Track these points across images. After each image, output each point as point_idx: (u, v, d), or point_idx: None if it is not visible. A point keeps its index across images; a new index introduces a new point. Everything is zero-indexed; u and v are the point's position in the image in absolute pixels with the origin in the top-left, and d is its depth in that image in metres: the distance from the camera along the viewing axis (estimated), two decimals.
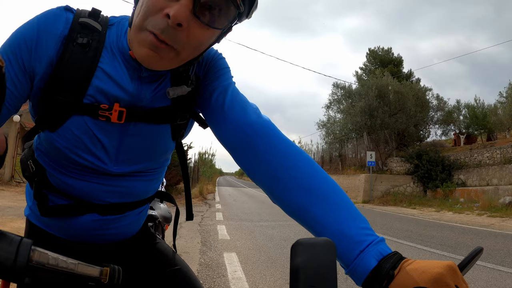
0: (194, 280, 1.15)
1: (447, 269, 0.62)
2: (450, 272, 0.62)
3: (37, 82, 0.86)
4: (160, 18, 0.76)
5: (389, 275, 0.66)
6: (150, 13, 0.77)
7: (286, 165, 0.85)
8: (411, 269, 0.65)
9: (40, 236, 1.04)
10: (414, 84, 29.16)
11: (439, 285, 0.61)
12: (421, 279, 0.63)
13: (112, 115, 0.89)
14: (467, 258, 0.66)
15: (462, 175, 20.02)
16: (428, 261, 0.65)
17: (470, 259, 0.65)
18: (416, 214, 14.74)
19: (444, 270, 0.62)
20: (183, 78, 0.95)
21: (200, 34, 0.80)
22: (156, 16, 0.76)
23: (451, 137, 28.81)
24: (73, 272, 0.62)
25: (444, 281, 0.61)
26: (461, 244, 7.66)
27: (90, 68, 0.87)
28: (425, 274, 0.63)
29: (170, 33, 0.77)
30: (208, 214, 12.05)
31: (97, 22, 0.91)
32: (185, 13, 0.75)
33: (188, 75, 0.96)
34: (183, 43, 0.80)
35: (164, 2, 0.76)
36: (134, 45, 0.82)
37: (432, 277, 0.62)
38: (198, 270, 4.97)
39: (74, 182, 0.96)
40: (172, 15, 0.74)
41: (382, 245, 0.72)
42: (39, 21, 0.85)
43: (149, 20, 0.77)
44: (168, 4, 0.75)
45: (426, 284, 0.62)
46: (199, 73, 1.01)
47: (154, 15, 0.77)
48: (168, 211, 2.39)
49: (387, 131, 25.14)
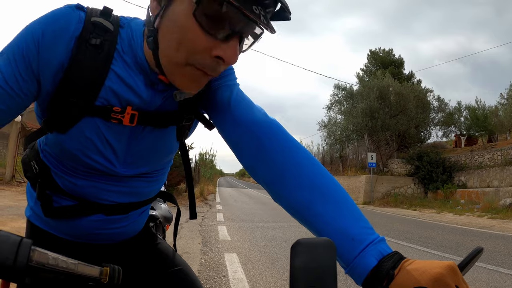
0: (195, 280, 1.16)
1: (447, 269, 0.62)
2: (450, 272, 0.62)
3: (45, 85, 0.83)
4: (208, 58, 0.77)
5: (389, 274, 0.66)
6: (196, 51, 0.76)
7: (290, 163, 0.85)
8: (411, 269, 0.65)
9: (42, 237, 1.04)
10: (415, 85, 29.10)
11: (439, 285, 0.61)
12: (421, 279, 0.62)
13: (124, 118, 0.89)
14: (467, 258, 0.65)
15: (463, 176, 20.00)
16: (428, 261, 0.65)
17: (470, 259, 0.65)
18: (416, 216, 14.72)
19: (444, 270, 0.62)
20: None
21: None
22: (203, 55, 0.77)
23: (452, 138, 28.75)
24: (73, 272, 0.63)
25: (444, 281, 0.61)
26: (462, 245, 7.65)
27: (103, 70, 0.85)
28: (425, 274, 0.63)
29: (217, 69, 0.80)
30: (209, 214, 12.05)
31: (109, 21, 0.88)
32: (237, 55, 0.78)
33: None
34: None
35: (210, 41, 0.75)
36: (177, 78, 0.82)
37: (432, 277, 0.62)
38: (199, 271, 4.97)
39: (82, 183, 0.96)
40: (227, 60, 0.77)
41: (382, 245, 0.72)
42: (49, 21, 0.81)
43: (195, 57, 0.77)
44: (215, 44, 0.76)
45: (426, 284, 0.62)
46: None
47: (200, 54, 0.77)
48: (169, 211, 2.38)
49: (388, 133, 25.12)
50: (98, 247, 1.06)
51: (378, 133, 25.36)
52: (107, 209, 1.00)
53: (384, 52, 34.75)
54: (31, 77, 0.81)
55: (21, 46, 0.79)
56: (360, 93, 27.31)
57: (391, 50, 34.93)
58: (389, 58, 34.27)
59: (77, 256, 0.68)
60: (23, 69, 0.79)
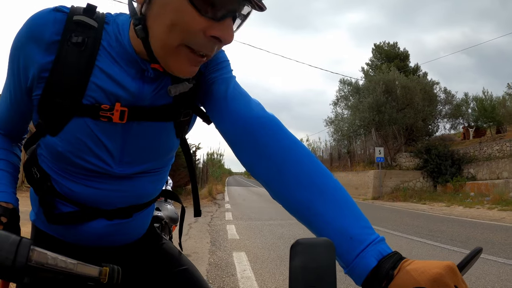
0: (200, 280, 1.15)
1: (446, 269, 0.62)
2: (449, 272, 0.61)
3: (36, 89, 0.87)
4: (202, 38, 0.75)
5: (389, 275, 0.66)
6: (190, 33, 0.75)
7: (289, 160, 0.83)
8: (410, 269, 0.64)
9: (47, 241, 1.04)
10: (421, 78, 28.92)
11: (438, 285, 0.61)
12: (420, 279, 0.62)
13: (113, 115, 0.87)
14: (466, 258, 0.65)
15: (472, 169, 19.84)
16: (427, 261, 0.65)
17: (469, 259, 0.65)
18: (426, 210, 14.64)
19: (443, 270, 0.61)
20: None
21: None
22: (196, 35, 0.75)
23: (460, 130, 28.52)
24: (72, 272, 0.63)
25: (443, 281, 0.61)
26: (472, 238, 7.57)
27: (87, 67, 0.85)
28: (424, 274, 0.62)
29: (212, 49, 0.79)
30: (218, 214, 12.08)
31: (93, 19, 0.87)
32: (233, 34, 0.77)
33: None
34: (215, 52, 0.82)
35: (203, 22, 0.74)
36: (171, 61, 0.81)
37: (431, 277, 0.61)
38: (208, 270, 4.99)
39: (79, 188, 0.95)
40: (223, 39, 0.76)
41: (382, 245, 0.71)
42: (24, 28, 0.84)
43: (189, 39, 0.76)
44: (209, 24, 0.74)
45: (425, 284, 0.62)
46: (201, 67, 0.98)
47: (193, 34, 0.75)
48: (174, 211, 2.40)
49: (395, 127, 24.96)
50: (103, 250, 1.05)
51: (386, 127, 25.23)
52: (108, 214, 0.99)
53: (389, 46, 34.51)
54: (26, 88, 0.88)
55: (12, 64, 0.88)
56: (366, 87, 27.18)
57: (395, 43, 34.72)
58: (394, 51, 34.03)
59: (82, 258, 0.69)
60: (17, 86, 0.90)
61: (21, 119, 1.01)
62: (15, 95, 0.93)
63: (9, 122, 1.03)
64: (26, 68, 0.86)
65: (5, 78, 0.94)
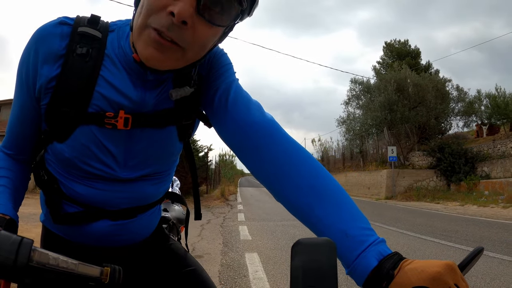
0: (207, 280, 1.15)
1: (445, 268, 0.63)
2: (449, 271, 0.63)
3: (43, 99, 0.90)
4: (164, 16, 0.75)
5: (389, 275, 0.67)
6: (153, 11, 0.76)
7: (289, 163, 0.86)
8: (410, 269, 0.66)
9: (56, 241, 1.06)
10: (433, 75, 28.67)
11: (438, 284, 0.62)
12: (420, 278, 0.64)
13: (118, 123, 0.90)
14: (467, 258, 0.67)
15: (486, 167, 19.58)
16: (427, 261, 0.66)
17: (470, 259, 0.67)
18: (440, 209, 14.49)
19: (443, 269, 0.63)
20: (186, 79, 0.95)
21: (204, 32, 0.80)
22: (159, 14, 0.76)
23: (473, 128, 28.14)
24: (74, 272, 0.63)
25: (442, 280, 0.62)
26: (487, 238, 7.44)
27: (91, 77, 0.88)
28: (424, 273, 0.64)
29: (175, 31, 0.76)
30: (230, 215, 12.10)
31: (97, 29, 0.91)
32: (189, 10, 0.75)
33: (191, 75, 0.96)
34: (188, 42, 0.79)
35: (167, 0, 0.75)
36: (138, 45, 0.81)
37: (430, 276, 0.63)
38: (220, 271, 5.00)
39: (84, 190, 0.97)
40: (176, 12, 0.73)
41: (382, 246, 0.73)
42: (33, 45, 0.89)
43: (153, 18, 0.77)
44: (172, 2, 0.75)
45: (425, 283, 0.63)
46: (202, 72, 1.00)
47: (157, 13, 0.76)
48: (182, 212, 2.40)
49: (408, 125, 24.76)
50: (109, 250, 1.06)
51: (398, 126, 25.04)
52: (113, 214, 1.01)
53: (400, 44, 34.32)
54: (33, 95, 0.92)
55: (21, 77, 0.92)
56: (378, 86, 27.03)
57: (406, 41, 34.57)
58: (405, 49, 33.83)
59: (88, 258, 0.70)
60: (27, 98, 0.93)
61: (31, 133, 1.00)
62: (25, 107, 0.95)
63: (20, 138, 1.02)
64: (34, 80, 0.90)
65: (13, 95, 0.97)
